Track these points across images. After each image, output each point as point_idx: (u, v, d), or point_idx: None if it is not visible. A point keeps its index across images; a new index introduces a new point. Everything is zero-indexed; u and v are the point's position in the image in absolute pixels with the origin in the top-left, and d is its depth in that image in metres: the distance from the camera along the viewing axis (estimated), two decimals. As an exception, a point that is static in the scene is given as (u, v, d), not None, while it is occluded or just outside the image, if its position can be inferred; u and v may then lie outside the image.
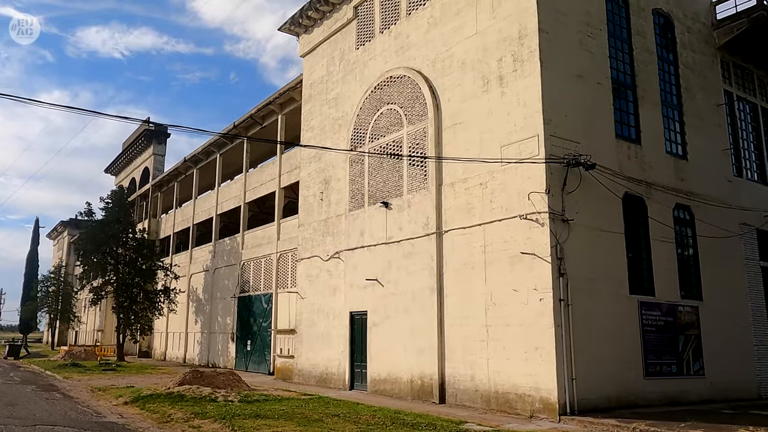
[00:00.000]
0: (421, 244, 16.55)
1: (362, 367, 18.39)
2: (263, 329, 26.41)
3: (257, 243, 28.24)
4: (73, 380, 23.00)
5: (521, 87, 14.33)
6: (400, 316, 16.97)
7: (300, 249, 22.70)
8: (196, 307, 34.32)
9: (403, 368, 16.56)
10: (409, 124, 17.69)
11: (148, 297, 33.36)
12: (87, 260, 32.13)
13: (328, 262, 20.75)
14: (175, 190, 39.99)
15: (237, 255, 29.89)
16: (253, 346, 27.06)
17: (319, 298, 20.99)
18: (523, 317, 13.42)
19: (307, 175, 22.92)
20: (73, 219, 72.62)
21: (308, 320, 21.45)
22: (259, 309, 27.11)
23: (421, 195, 16.83)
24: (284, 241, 25.82)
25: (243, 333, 28.23)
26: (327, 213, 21.28)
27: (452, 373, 15.13)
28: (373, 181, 18.87)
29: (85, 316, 59.17)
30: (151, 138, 43.99)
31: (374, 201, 18.68)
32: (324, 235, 21.26)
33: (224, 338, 30.29)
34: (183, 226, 38.13)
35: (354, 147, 20.03)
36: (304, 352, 21.47)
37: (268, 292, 26.57)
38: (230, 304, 29.98)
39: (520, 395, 13.25)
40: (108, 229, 31.77)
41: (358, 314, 18.83)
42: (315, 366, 20.69)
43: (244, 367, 27.56)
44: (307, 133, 23.25)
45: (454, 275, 15.50)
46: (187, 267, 35.66)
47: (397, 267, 17.34)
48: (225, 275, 31.17)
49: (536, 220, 13.44)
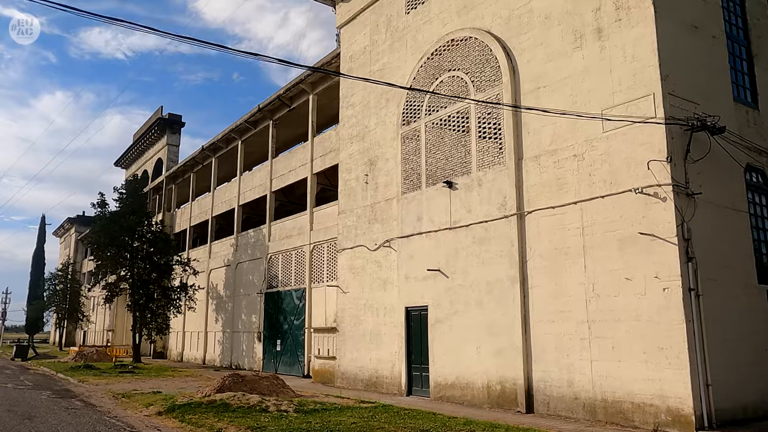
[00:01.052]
0: (497, 227, 14.32)
1: (422, 370, 16.16)
2: (295, 328, 24.21)
3: (286, 234, 26.03)
4: (89, 384, 20.85)
5: (628, 39, 12.08)
6: (470, 312, 14.74)
7: (341, 238, 20.48)
8: (216, 304, 32.13)
9: (477, 371, 14.33)
10: (477, 92, 15.45)
11: (165, 294, 31.17)
12: (101, 254, 29.96)
13: (377, 251, 18.53)
14: (191, 182, 37.81)
15: (263, 248, 27.69)
16: (283, 346, 24.86)
17: (366, 293, 18.77)
18: (640, 311, 11.18)
19: (348, 156, 20.70)
20: (80, 216, 70.77)
21: (352, 317, 19.24)
22: (289, 306, 24.91)
23: (496, 171, 14.59)
24: (318, 232, 23.61)
25: (271, 332, 26.03)
26: (373, 197, 19.06)
27: (542, 378, 12.89)
28: (432, 159, 16.64)
29: (94, 316, 57.12)
30: (164, 127, 41.79)
31: (434, 181, 16.45)
32: (370, 222, 19.03)
33: (249, 337, 28.10)
34: (200, 219, 35.95)
35: (406, 121, 17.81)
36: (347, 353, 19.25)
37: (300, 287, 24.36)
38: (256, 301, 27.80)
39: (639, 404, 11.00)
40: (123, 221, 29.57)
41: (415, 310, 16.61)
42: (362, 368, 18.48)
43: (273, 369, 25.34)
44: (348, 111, 21.03)
45: (541, 263, 13.26)
46: (206, 262, 33.47)
47: (465, 255, 15.11)
48: (249, 270, 28.97)
49: (655, 194, 11.18)
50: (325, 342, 20.87)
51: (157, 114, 42.95)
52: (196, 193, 37.99)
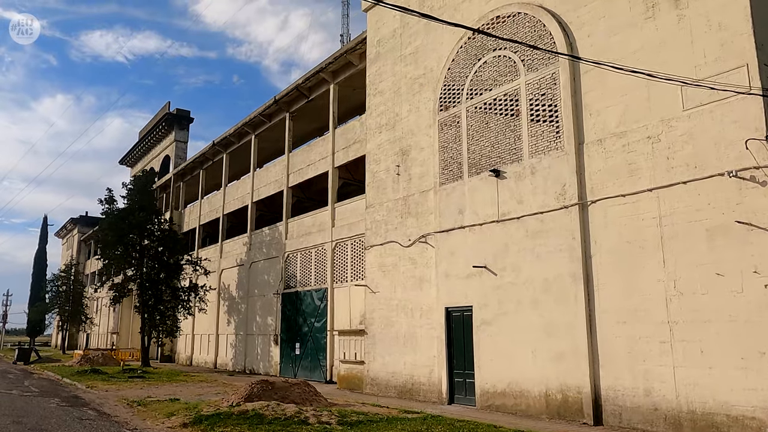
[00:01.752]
0: (555, 219, 12.97)
1: (466, 375, 14.79)
2: (316, 330, 22.84)
3: (305, 232, 24.68)
4: (99, 390, 19.49)
5: (713, 6, 10.76)
6: (523, 312, 13.38)
7: (369, 234, 19.14)
8: (228, 305, 30.77)
9: (533, 378, 12.96)
10: (528, 72, 14.12)
11: (175, 295, 29.80)
12: (108, 253, 28.59)
13: (411, 248, 17.18)
14: (200, 179, 36.48)
15: (279, 246, 26.35)
16: (303, 349, 23.48)
17: (398, 292, 17.41)
18: (735, 310, 9.83)
19: (376, 147, 19.37)
20: (83, 216, 69.44)
21: (383, 319, 17.88)
22: (310, 307, 23.54)
23: (552, 158, 13.25)
24: (341, 228, 22.27)
25: (289, 334, 24.66)
26: (406, 189, 17.72)
27: (612, 386, 11.53)
28: (476, 146, 15.30)
29: (98, 318, 55.75)
30: (172, 123, 40.47)
31: (478, 170, 15.11)
32: (403, 216, 17.69)
33: (265, 340, 26.73)
34: (211, 217, 34.60)
35: (444, 107, 16.48)
36: (377, 357, 17.89)
37: (321, 287, 23.00)
38: (272, 302, 26.44)
39: (736, 418, 9.64)
40: (132, 218, 28.21)
41: (457, 310, 15.26)
42: (395, 374, 17.11)
43: (291, 373, 23.97)
44: (376, 98, 19.70)
45: (609, 258, 11.91)
46: (217, 262, 32.11)
47: (517, 250, 13.76)
48: (264, 269, 27.62)
49: (752, 177, 9.85)
50: (352, 345, 19.50)
51: (165, 110, 41.67)
52: (205, 190, 36.65)
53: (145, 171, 31.19)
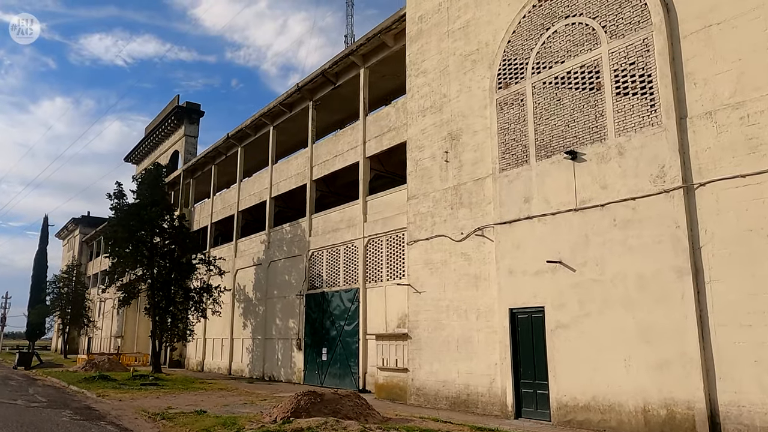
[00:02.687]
0: (652, 205, 11.20)
1: (536, 386, 12.99)
2: (346, 334, 21.01)
3: (332, 228, 22.89)
4: (112, 400, 17.67)
5: None
6: (612, 313, 11.59)
7: (411, 228, 17.35)
8: (244, 307, 28.92)
9: (626, 390, 11.16)
10: (612, 39, 12.37)
11: (187, 296, 27.95)
12: (118, 251, 26.75)
13: (464, 242, 15.39)
14: (212, 174, 34.66)
15: (302, 244, 24.54)
16: (331, 355, 21.65)
17: (449, 292, 15.62)
18: None
19: (419, 132, 17.60)
20: (85, 216, 67.55)
21: (430, 321, 16.08)
22: (338, 309, 21.73)
23: (646, 135, 11.49)
24: (374, 223, 20.48)
25: (315, 339, 22.82)
26: (457, 178, 15.95)
27: (733, 401, 9.73)
28: (545, 126, 13.54)
29: (100, 321, 53.83)
30: (182, 117, 38.68)
31: (548, 153, 13.35)
32: (454, 208, 15.92)
33: (286, 345, 24.89)
34: (224, 214, 32.78)
35: (504, 84, 14.73)
36: (424, 365, 16.07)
37: (351, 287, 21.19)
38: (294, 304, 24.62)
39: None
40: (144, 213, 26.38)
41: (523, 312, 13.46)
42: (446, 383, 15.29)
43: (317, 381, 22.15)
44: (418, 79, 17.95)
45: (724, 249, 10.13)
46: (232, 261, 30.29)
47: (601, 242, 11.98)
48: (285, 269, 25.81)
49: None
50: (392, 351, 17.68)
51: (173, 103, 39.90)
52: (217, 187, 34.85)
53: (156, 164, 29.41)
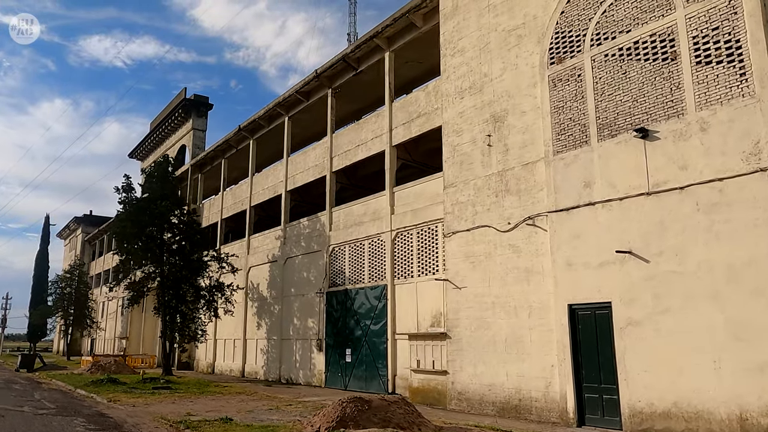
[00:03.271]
0: (744, 186, 9.91)
1: (602, 390, 11.69)
2: (373, 334, 19.71)
3: (355, 221, 21.58)
4: (125, 405, 16.37)
5: None
6: (696, 309, 10.30)
7: (449, 219, 16.05)
8: (258, 306, 27.61)
9: (716, 396, 9.86)
10: (689, 2, 11.08)
11: (199, 295, 26.63)
12: (127, 248, 25.40)
13: (511, 232, 14.09)
14: (222, 169, 33.35)
15: (322, 239, 23.23)
16: (355, 356, 20.34)
17: (495, 287, 14.32)
18: None
19: (456, 116, 16.31)
20: (87, 215, 66.21)
21: (473, 320, 14.78)
22: (363, 307, 20.42)
23: (735, 108, 10.19)
24: (403, 215, 19.18)
25: (337, 339, 21.51)
26: (502, 163, 14.66)
27: None
28: (608, 103, 12.25)
29: (104, 322, 52.51)
30: (189, 110, 37.38)
31: (613, 131, 12.06)
32: (499, 195, 14.62)
33: (305, 346, 23.58)
34: (235, 210, 31.46)
35: (558, 59, 13.44)
36: (466, 366, 14.77)
37: (377, 284, 19.88)
38: (313, 303, 23.31)
39: None
40: (154, 208, 25.06)
41: (585, 308, 12.17)
42: (492, 387, 13.99)
43: (340, 384, 20.84)
44: (454, 59, 16.66)
45: (838, 234, 8.85)
46: (244, 258, 28.97)
47: (680, 229, 10.68)
48: (303, 266, 24.50)
49: None
50: (428, 352, 16.38)
51: (180, 96, 38.59)
52: (227, 181, 33.54)
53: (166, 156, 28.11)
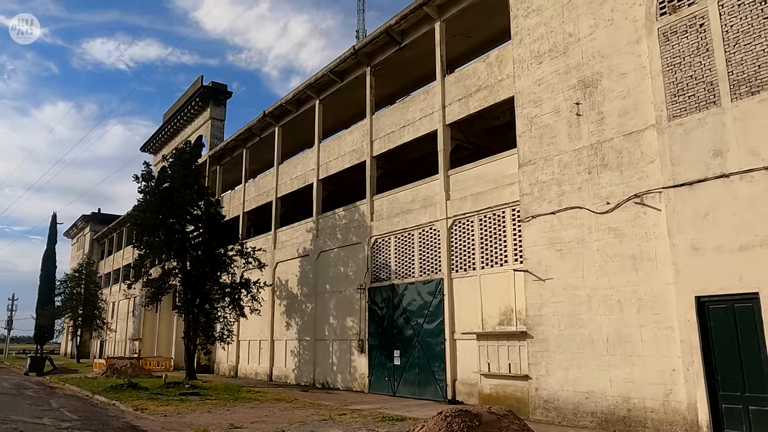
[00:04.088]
0: None
1: (747, 400, 9.65)
2: (426, 333, 17.69)
3: (401, 209, 19.58)
4: (155, 415, 14.41)
5: None
6: None
7: (527, 201, 14.03)
8: (287, 305, 25.62)
9: None
10: None
11: (224, 292, 24.64)
12: (148, 240, 23.38)
13: (612, 214, 12.07)
14: (243, 159, 31.36)
15: (362, 230, 21.23)
16: (406, 358, 18.32)
17: (591, 278, 12.30)
18: None
19: (533, 83, 14.29)
20: (95, 213, 64.40)
21: (561, 316, 12.75)
22: (414, 304, 18.40)
23: None
24: (460, 201, 17.18)
25: (382, 339, 19.50)
26: (597, 134, 12.64)
27: None
28: (743, 55, 10.23)
29: (114, 323, 50.59)
30: (207, 99, 35.41)
31: (752, 88, 10.04)
32: (593, 171, 12.60)
33: (343, 347, 21.56)
34: (259, 202, 29.47)
35: (671, 8, 11.42)
36: (554, 370, 12.74)
37: (431, 277, 17.87)
38: (352, 300, 21.31)
39: None
40: (177, 197, 23.05)
41: (720, 300, 10.14)
42: (591, 394, 11.96)
43: (387, 389, 18.84)
44: (529, 20, 14.64)
45: None
46: (270, 253, 26.99)
47: None
48: (339, 260, 22.50)
49: None
50: (501, 353, 14.35)
51: (197, 85, 36.65)
52: (249, 173, 31.57)
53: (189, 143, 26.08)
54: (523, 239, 14.11)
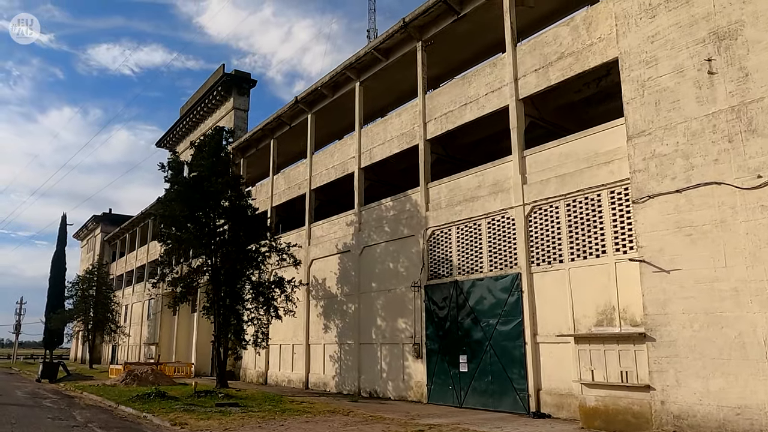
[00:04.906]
0: None
1: None
2: (501, 336, 15.50)
3: (463, 197, 17.44)
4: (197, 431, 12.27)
5: None
6: None
7: (640, 179, 11.85)
8: (324, 306, 23.47)
9: None
10: None
11: (258, 291, 22.48)
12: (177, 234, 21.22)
13: (764, 189, 9.89)
14: (271, 151, 29.28)
15: (415, 221, 19.10)
16: (475, 364, 16.14)
17: (737, 268, 10.11)
18: None
19: (645, 41, 12.14)
20: (106, 213, 62.47)
21: (696, 314, 10.57)
22: (484, 303, 16.23)
23: None
24: (540, 185, 15.04)
25: (444, 343, 17.32)
26: (738, 95, 10.47)
27: None
28: None
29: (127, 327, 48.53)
30: (229, 88, 33.36)
31: None
32: (734, 140, 10.43)
33: (394, 352, 19.39)
34: (289, 195, 27.38)
35: None
36: (688, 380, 10.55)
37: (506, 272, 15.69)
38: (404, 299, 19.15)
39: None
40: (208, 185, 20.95)
41: None
42: (743, 410, 9.74)
43: (452, 400, 16.67)
44: (637, -33, 12.49)
45: None
46: (304, 250, 24.86)
47: None
48: (387, 255, 20.35)
49: None
50: (610, 359, 12.15)
51: (218, 73, 34.65)
52: (277, 165, 29.50)
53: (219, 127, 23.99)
54: (636, 224, 11.92)
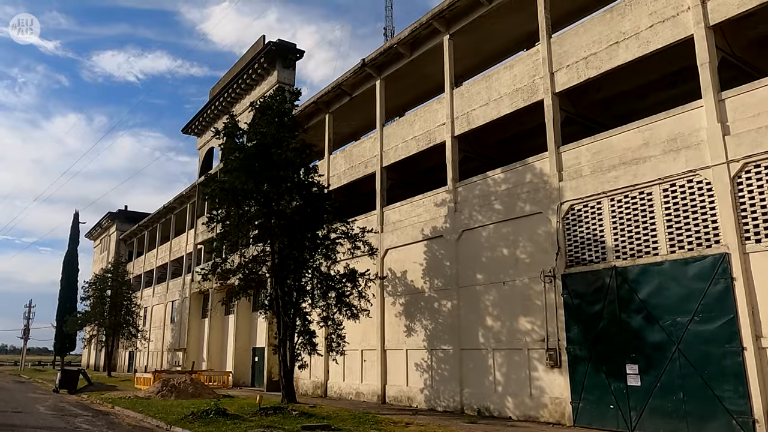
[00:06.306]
0: None
1: None
2: (697, 339, 11.53)
3: (620, 160, 13.52)
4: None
5: None
6: None
7: None
8: (405, 303, 19.52)
9: None
10: None
11: (329, 286, 18.52)
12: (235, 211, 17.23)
13: None
14: (326, 127, 25.45)
15: (541, 195, 15.18)
16: (653, 377, 12.16)
17: None
18: None
19: None
20: (122, 210, 58.71)
21: None
22: (665, 294, 12.26)
23: None
24: (750, 135, 11.12)
25: (598, 347, 13.34)
26: None
27: None
28: None
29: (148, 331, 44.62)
30: (273, 60, 29.45)
31: None
32: None
33: (514, 359, 15.42)
34: (352, 176, 23.49)
35: None
36: None
37: (702, 254, 11.73)
38: (529, 292, 15.20)
39: None
40: (279, 153, 17.06)
41: None
42: None
43: (615, 422, 12.69)
44: None
45: None
46: (376, 238, 20.92)
47: None
48: (499, 239, 16.41)
49: None
50: None
51: (258, 45, 30.82)
52: (333, 143, 25.66)
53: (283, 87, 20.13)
54: None
